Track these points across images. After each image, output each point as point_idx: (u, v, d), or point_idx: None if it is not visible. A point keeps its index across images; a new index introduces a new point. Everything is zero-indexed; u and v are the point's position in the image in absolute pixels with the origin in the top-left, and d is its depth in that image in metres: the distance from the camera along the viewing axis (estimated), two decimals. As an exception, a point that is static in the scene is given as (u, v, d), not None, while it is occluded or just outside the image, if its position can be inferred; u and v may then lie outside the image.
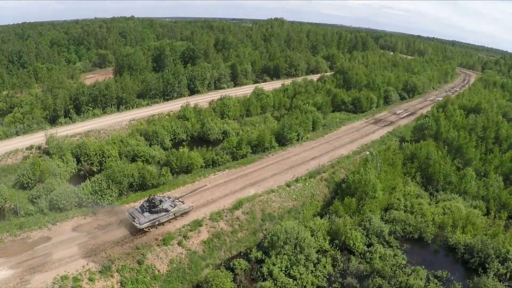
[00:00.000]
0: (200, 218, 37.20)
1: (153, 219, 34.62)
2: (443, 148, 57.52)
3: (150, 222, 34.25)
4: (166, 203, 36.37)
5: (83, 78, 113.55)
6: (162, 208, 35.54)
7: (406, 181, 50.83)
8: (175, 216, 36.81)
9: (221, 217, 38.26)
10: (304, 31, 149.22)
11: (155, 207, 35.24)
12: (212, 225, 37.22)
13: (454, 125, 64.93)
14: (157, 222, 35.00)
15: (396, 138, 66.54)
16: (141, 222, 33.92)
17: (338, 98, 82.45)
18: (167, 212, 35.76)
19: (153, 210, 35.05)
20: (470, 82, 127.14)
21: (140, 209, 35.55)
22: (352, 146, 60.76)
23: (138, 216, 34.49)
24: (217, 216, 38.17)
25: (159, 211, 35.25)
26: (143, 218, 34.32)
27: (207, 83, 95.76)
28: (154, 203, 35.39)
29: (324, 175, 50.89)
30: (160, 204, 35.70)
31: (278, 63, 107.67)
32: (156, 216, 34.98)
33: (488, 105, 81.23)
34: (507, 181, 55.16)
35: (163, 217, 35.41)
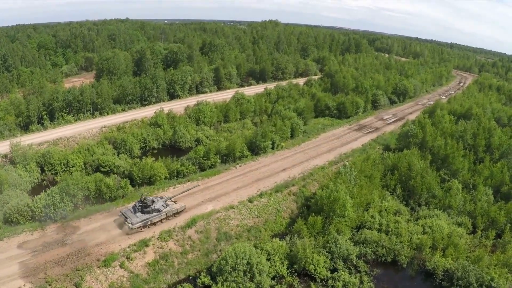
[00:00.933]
0: (148, 237, 33.80)
1: (145, 219, 34.70)
2: (427, 158, 52.26)
3: (142, 222, 34.37)
4: (158, 203, 36.27)
5: (67, 81, 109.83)
6: (154, 208, 35.44)
7: (384, 195, 45.64)
8: (167, 216, 36.53)
9: (171, 236, 34.64)
10: (296, 33, 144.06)
11: (147, 207, 35.18)
12: (160, 245, 33.66)
13: (442, 132, 59.62)
14: (149, 222, 34.99)
15: (380, 146, 61.36)
16: (133, 222, 34.01)
17: (322, 103, 77.38)
18: (159, 212, 35.71)
19: (145, 210, 34.99)
20: (466, 85, 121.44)
21: (132, 209, 35.45)
22: (329, 155, 55.67)
23: (131, 217, 34.50)
24: (166, 235, 34.53)
25: (151, 211, 35.19)
26: (135, 218, 34.38)
27: (188, 88, 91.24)
28: (146, 203, 35.25)
29: (293, 188, 46.00)
30: (152, 204, 35.65)
31: (265, 66, 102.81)
32: (148, 216, 34.97)
33: (480, 110, 75.78)
34: (498, 194, 49.87)
35: (155, 217, 35.35)
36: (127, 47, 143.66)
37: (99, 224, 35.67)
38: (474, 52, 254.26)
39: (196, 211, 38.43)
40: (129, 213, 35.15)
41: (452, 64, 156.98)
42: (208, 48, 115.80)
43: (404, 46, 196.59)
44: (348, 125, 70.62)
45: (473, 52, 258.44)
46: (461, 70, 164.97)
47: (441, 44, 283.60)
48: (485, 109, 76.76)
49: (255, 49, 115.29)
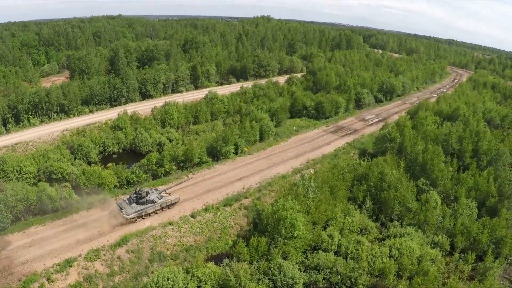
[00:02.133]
0: (74, 256, 30.37)
1: (139, 210, 34.88)
2: (402, 165, 45.52)
3: (137, 213, 34.63)
4: (152, 194, 36.24)
5: (47, 81, 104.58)
6: (149, 199, 35.51)
7: (349, 210, 39.09)
8: (162, 208, 36.57)
9: (98, 256, 30.96)
10: (284, 29, 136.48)
11: (142, 198, 35.25)
12: (86, 265, 30.13)
13: (424, 135, 52.74)
14: (143, 213, 35.21)
15: (356, 151, 54.68)
16: (128, 212, 34.28)
17: (299, 102, 70.65)
18: (153, 204, 35.80)
19: (140, 202, 35.11)
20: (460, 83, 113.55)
21: (127, 200, 35.72)
22: (295, 162, 49.23)
23: (126, 207, 34.63)
24: (94, 254, 30.90)
25: (145, 202, 35.30)
26: (130, 209, 34.55)
27: (161, 87, 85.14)
28: (141, 195, 35.38)
29: (245, 201, 39.87)
30: (147, 195, 35.69)
31: (246, 63, 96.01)
32: (143, 207, 35.08)
33: (470, 110, 68.49)
34: (483, 207, 43.09)
35: (150, 208, 35.46)
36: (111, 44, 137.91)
37: (30, 240, 32.38)
38: (473, 49, 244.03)
39: (131, 228, 34.07)
40: (124, 204, 35.35)
41: (447, 61, 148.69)
42: (190, 45, 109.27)
43: (399, 43, 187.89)
44: (324, 127, 63.87)
45: (472, 49, 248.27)
46: (457, 67, 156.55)
47: (440, 41, 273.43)
48: (476, 109, 69.50)
49: (238, 46, 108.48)
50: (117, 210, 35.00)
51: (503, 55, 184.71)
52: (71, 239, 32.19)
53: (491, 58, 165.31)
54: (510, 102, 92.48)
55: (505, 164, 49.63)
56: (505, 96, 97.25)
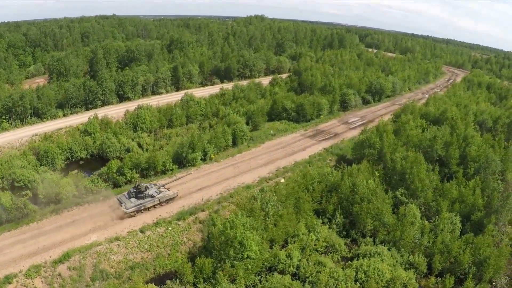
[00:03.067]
0: (15, 272, 27.68)
1: (139, 204, 34.81)
2: (377, 175, 40.74)
3: (136, 207, 34.56)
4: (151, 189, 36.17)
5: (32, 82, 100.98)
6: (148, 194, 35.45)
7: (314, 225, 34.44)
8: (160, 202, 36.35)
9: (39, 272, 28.19)
10: (274, 28, 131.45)
11: (141, 193, 35.16)
12: (25, 282, 27.54)
13: (406, 141, 47.89)
14: (142, 207, 35.03)
15: (333, 157, 49.92)
16: (128, 206, 34.25)
17: (279, 105, 65.96)
18: (152, 198, 35.64)
19: (139, 196, 35.07)
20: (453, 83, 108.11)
21: (127, 195, 35.68)
22: (264, 170, 44.65)
23: (125, 202, 34.63)
24: (34, 270, 28.09)
25: (144, 197, 35.20)
26: (129, 203, 34.54)
27: (140, 89, 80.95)
28: (140, 189, 35.24)
29: (202, 215, 35.70)
30: (146, 190, 35.62)
31: (230, 64, 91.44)
32: (142, 202, 35.00)
33: (462, 112, 63.44)
34: (468, 222, 38.26)
35: (149, 202, 35.32)
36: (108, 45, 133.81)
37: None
38: (471, 49, 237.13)
39: (76, 243, 31.08)
40: (124, 198, 35.26)
41: (442, 60, 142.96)
42: (175, 45, 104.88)
43: (395, 42, 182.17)
44: (303, 131, 59.07)
45: (470, 48, 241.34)
46: (453, 67, 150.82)
47: (437, 40, 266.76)
48: (467, 111, 64.44)
49: (224, 45, 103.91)
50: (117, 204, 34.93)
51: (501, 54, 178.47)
52: (16, 253, 29.70)
53: (488, 58, 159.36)
54: (505, 103, 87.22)
55: (494, 172, 44.75)
56: (501, 97, 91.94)
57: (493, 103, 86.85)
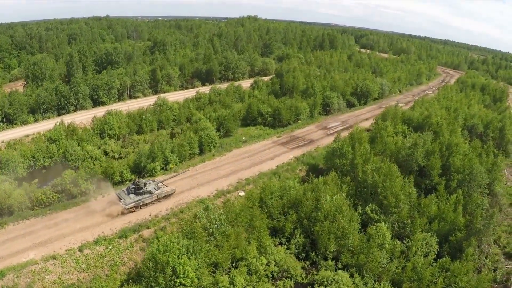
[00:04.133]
0: None
1: (137, 200, 34.83)
2: (344, 190, 35.80)
3: (135, 203, 34.60)
4: (150, 185, 36.13)
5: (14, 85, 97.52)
6: (146, 190, 35.45)
7: (266, 247, 29.61)
8: (159, 198, 36.28)
9: None
10: (263, 29, 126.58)
11: (140, 189, 35.27)
12: None
13: (383, 149, 42.88)
14: (141, 203, 35.06)
15: (304, 167, 45.02)
16: (127, 202, 34.29)
17: (254, 109, 61.20)
18: (150, 194, 35.62)
19: (138, 192, 35.15)
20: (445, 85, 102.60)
21: (126, 191, 35.79)
22: (224, 182, 40.00)
23: (124, 197, 34.75)
24: None
25: (143, 193, 35.24)
26: (128, 199, 34.57)
27: (115, 93, 76.84)
28: (139, 186, 35.42)
29: (146, 232, 31.68)
30: (145, 186, 35.64)
31: (212, 66, 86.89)
32: (140, 198, 35.00)
33: (451, 116, 58.26)
34: (446, 243, 33.23)
35: (147, 198, 35.36)
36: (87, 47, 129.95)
37: None
38: (468, 49, 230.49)
39: (12, 260, 27.99)
40: (123, 194, 35.42)
41: (436, 61, 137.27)
42: (158, 47, 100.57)
43: (390, 42, 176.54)
44: (276, 137, 54.15)
45: (467, 49, 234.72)
46: (449, 68, 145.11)
47: (435, 41, 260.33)
48: (457, 115, 59.24)
49: (209, 47, 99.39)
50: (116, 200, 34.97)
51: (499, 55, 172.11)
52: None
53: (485, 59, 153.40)
54: (499, 105, 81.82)
55: (480, 185, 39.66)
56: (495, 99, 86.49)
57: (486, 105, 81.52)
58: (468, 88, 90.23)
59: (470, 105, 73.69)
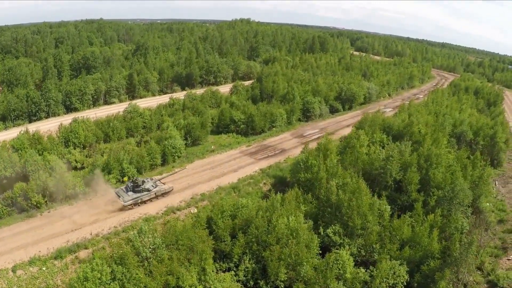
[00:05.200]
0: None
1: (136, 197, 35.13)
2: (304, 208, 31.26)
3: (133, 200, 34.86)
4: (148, 183, 36.41)
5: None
6: (145, 188, 35.76)
7: (205, 274, 25.13)
8: (156, 196, 36.35)
9: None
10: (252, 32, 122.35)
11: (138, 186, 35.60)
12: None
13: (354, 162, 38.24)
14: (139, 200, 35.31)
15: (269, 179, 40.55)
16: (125, 200, 34.54)
17: (226, 116, 56.91)
18: (148, 192, 35.87)
19: (136, 190, 35.51)
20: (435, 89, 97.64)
21: (125, 189, 36.10)
22: (177, 197, 36.30)
23: (123, 195, 35.04)
24: None
25: (141, 191, 35.56)
26: (127, 196, 34.89)
27: (89, 99, 73.17)
28: (137, 183, 35.82)
29: (84, 253, 28.28)
30: (143, 184, 35.98)
31: (192, 70, 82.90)
32: (139, 195, 35.33)
33: (438, 123, 53.49)
34: (417, 272, 28.47)
35: (145, 196, 35.58)
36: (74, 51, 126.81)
37: None
38: (466, 52, 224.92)
39: None
40: (122, 192, 35.73)
41: (431, 64, 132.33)
42: (141, 50, 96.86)
43: (385, 45, 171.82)
44: (245, 146, 49.65)
45: (465, 52, 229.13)
46: (444, 70, 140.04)
47: (433, 44, 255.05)
48: (443, 121, 54.45)
49: (192, 50, 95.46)
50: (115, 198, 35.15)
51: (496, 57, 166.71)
52: None
53: (481, 61, 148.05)
54: (493, 110, 76.79)
55: (463, 203, 34.83)
56: (489, 103, 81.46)
57: (480, 110, 76.54)
58: (461, 92, 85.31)
59: (462, 110, 68.89)
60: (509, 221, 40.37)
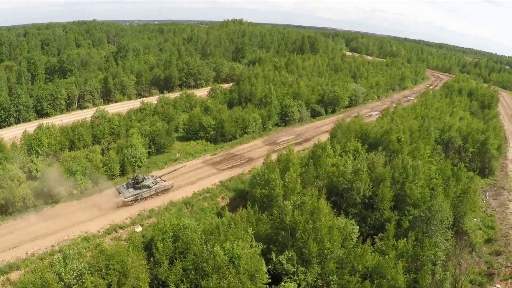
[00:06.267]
0: None
1: (136, 193, 34.96)
2: (251, 232, 26.67)
3: (134, 197, 34.72)
4: (148, 180, 36.24)
5: None
6: (145, 184, 35.62)
7: None
8: (157, 192, 36.23)
9: None
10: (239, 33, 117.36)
11: (139, 183, 35.44)
12: None
13: (317, 177, 33.55)
14: (140, 197, 35.11)
15: (229, 193, 36.10)
16: (126, 196, 34.44)
17: (195, 121, 52.53)
18: (149, 188, 35.74)
19: (137, 186, 35.34)
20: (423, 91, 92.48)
21: (125, 185, 36.07)
22: (123, 213, 32.54)
23: (124, 192, 35.00)
24: None
25: (142, 187, 35.41)
26: (127, 193, 34.76)
27: (62, 104, 69.44)
28: (138, 180, 35.62)
29: (15, 274, 24.72)
30: (143, 181, 35.84)
31: (171, 72, 78.72)
32: (139, 191, 35.14)
33: (424, 128, 48.70)
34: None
35: (145, 192, 35.47)
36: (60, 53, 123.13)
37: None
38: (464, 53, 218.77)
39: None
40: (122, 188, 35.62)
41: (425, 64, 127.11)
42: (122, 53, 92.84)
43: (380, 45, 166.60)
44: (210, 155, 45.11)
45: (463, 52, 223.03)
46: (440, 71, 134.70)
47: (430, 44, 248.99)
48: (429, 127, 49.62)
49: (173, 52, 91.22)
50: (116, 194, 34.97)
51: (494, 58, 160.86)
52: None
53: (477, 61, 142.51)
54: (487, 112, 71.69)
55: (442, 225, 29.93)
56: (483, 105, 76.32)
57: (473, 112, 71.51)
58: (454, 94, 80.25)
59: (453, 113, 63.97)
60: (498, 241, 35.48)
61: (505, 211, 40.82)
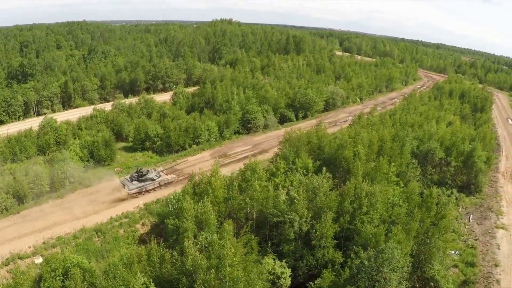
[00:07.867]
0: None
1: (140, 186, 34.75)
2: (168, 268, 19.96)
3: (138, 189, 34.51)
4: (152, 173, 36.16)
5: None
6: (149, 177, 35.55)
7: None
8: (160, 185, 35.85)
9: None
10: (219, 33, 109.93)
11: (143, 176, 35.42)
12: None
13: (246, 205, 26.47)
14: (144, 189, 34.88)
15: (152, 218, 29.54)
16: (130, 188, 34.28)
17: (141, 131, 45.81)
18: (152, 181, 35.54)
19: (141, 179, 35.28)
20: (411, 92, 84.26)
21: (129, 178, 35.98)
22: (30, 239, 25.93)
23: (128, 184, 34.85)
24: None
25: (146, 180, 35.31)
26: (132, 185, 34.63)
27: (18, 110, 63.42)
28: (142, 173, 35.63)
29: None
30: (147, 174, 35.79)
31: (136, 75, 72.24)
32: (143, 184, 34.97)
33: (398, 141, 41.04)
34: None
35: (149, 185, 35.24)
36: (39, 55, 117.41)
37: None
38: (462, 53, 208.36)
39: None
40: (127, 181, 35.17)
41: (417, 64, 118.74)
42: (92, 55, 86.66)
43: (373, 45, 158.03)
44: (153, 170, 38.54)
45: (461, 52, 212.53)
46: (434, 71, 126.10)
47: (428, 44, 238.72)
48: (404, 137, 42.04)
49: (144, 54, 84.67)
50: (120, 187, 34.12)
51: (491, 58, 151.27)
52: None
53: (473, 62, 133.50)
54: (479, 116, 63.57)
55: (395, 272, 22.66)
56: (476, 108, 68.21)
57: (464, 116, 63.47)
58: (444, 96, 72.25)
59: (440, 118, 56.21)
60: (476, 284, 28.00)
61: (490, 241, 33.15)
